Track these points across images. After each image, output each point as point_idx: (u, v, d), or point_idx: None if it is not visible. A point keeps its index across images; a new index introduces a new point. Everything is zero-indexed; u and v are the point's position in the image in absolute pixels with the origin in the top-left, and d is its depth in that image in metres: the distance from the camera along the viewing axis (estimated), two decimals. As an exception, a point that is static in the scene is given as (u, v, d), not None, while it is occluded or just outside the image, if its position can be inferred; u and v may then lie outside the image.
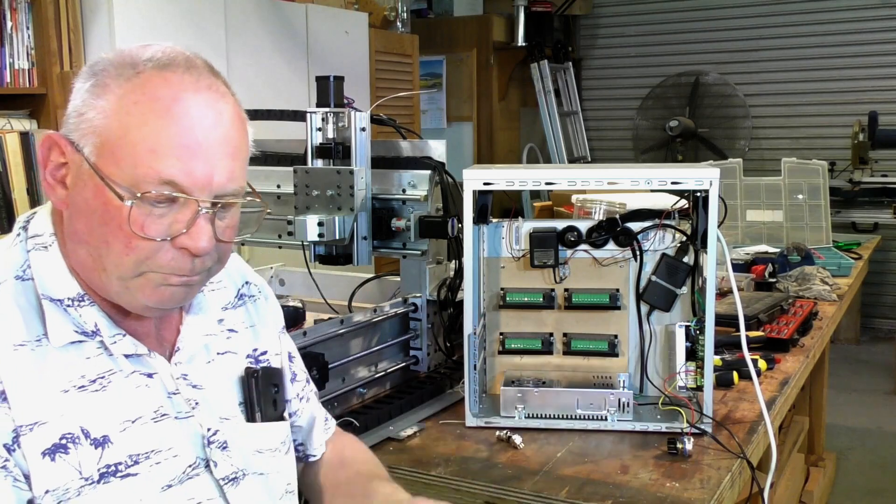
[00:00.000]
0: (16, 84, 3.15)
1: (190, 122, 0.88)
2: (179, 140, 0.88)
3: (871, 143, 5.23)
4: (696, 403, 1.51)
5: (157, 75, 0.90)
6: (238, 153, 0.93)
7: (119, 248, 0.89)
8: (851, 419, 4.34)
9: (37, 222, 0.97)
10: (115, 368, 0.93)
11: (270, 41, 4.01)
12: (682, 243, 1.58)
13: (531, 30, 6.33)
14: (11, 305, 0.90)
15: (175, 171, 0.87)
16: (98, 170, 0.88)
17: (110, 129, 0.88)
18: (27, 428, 0.86)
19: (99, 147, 0.89)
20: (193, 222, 0.89)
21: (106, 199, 0.88)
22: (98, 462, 0.89)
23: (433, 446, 1.44)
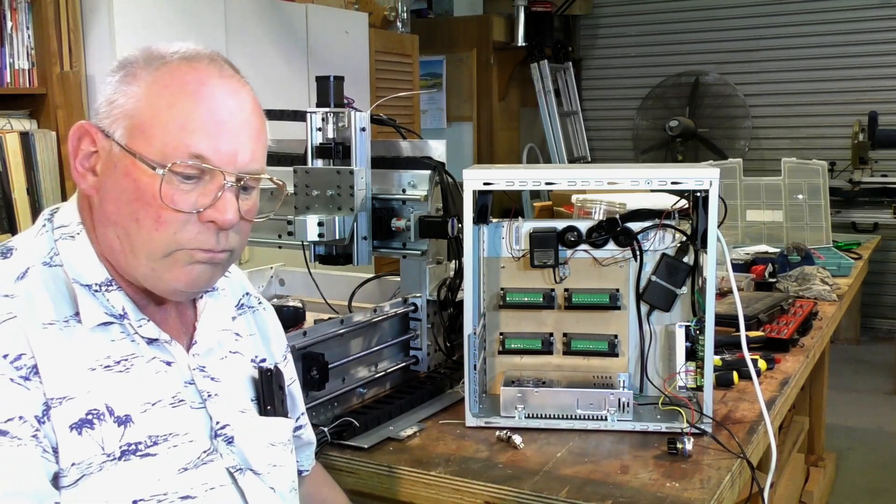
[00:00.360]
0: (16, 84, 3.15)
1: (216, 104, 0.95)
2: (208, 118, 0.95)
3: (871, 143, 5.23)
4: (696, 403, 1.51)
5: (184, 64, 0.97)
6: (259, 136, 1.00)
7: (149, 225, 0.94)
8: (851, 419, 4.34)
9: (63, 214, 1.02)
10: (137, 353, 0.98)
11: (270, 41, 4.01)
12: (682, 243, 1.58)
13: (531, 30, 6.33)
14: (40, 288, 0.94)
15: (203, 146, 0.94)
16: (129, 149, 0.94)
17: (141, 110, 0.95)
18: (57, 401, 0.89)
19: (130, 129, 0.95)
20: (220, 196, 0.95)
21: (136, 177, 0.94)
22: (120, 439, 0.93)
23: (433, 446, 1.44)
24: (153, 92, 0.95)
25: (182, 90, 0.95)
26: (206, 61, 0.98)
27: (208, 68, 0.97)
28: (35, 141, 3.10)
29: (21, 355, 0.88)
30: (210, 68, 0.97)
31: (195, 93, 0.95)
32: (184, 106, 0.94)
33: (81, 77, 3.28)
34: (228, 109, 0.96)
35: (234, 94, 0.98)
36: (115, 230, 0.96)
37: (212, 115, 0.95)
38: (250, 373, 1.13)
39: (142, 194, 0.93)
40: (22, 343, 0.89)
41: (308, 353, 1.48)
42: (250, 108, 0.99)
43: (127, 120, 0.95)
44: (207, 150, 0.94)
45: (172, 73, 0.96)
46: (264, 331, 1.20)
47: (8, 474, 0.83)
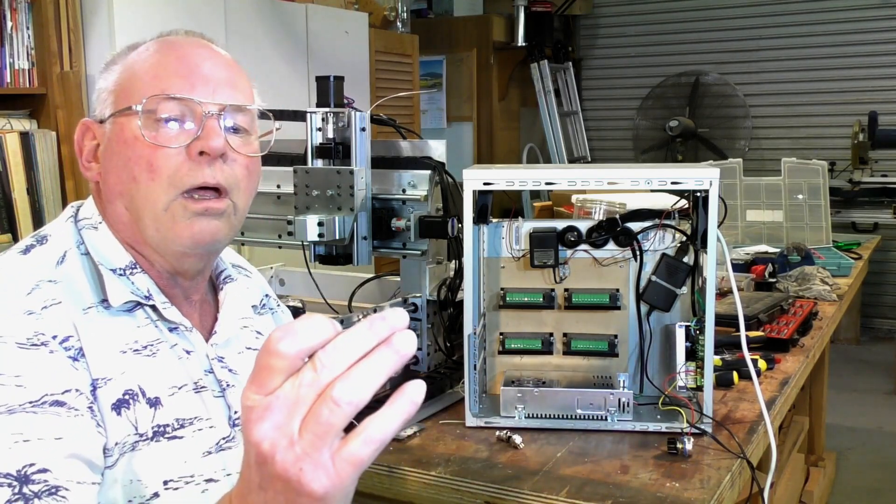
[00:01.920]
0: (16, 84, 3.15)
1: (186, 52, 1.01)
2: (180, 64, 0.99)
3: (871, 143, 5.23)
4: (696, 403, 1.51)
5: (160, 39, 1.04)
6: (238, 83, 1.03)
7: (145, 177, 0.97)
8: (851, 419, 4.34)
9: (85, 208, 1.06)
10: (161, 338, 1.00)
11: (270, 41, 4.01)
12: (682, 243, 1.58)
13: (531, 30, 6.32)
14: (79, 272, 0.97)
15: (178, 86, 0.97)
16: (116, 113, 0.99)
17: (121, 81, 1.01)
18: (102, 381, 0.92)
19: (115, 101, 1.00)
20: (203, 125, 0.97)
21: (125, 135, 0.98)
22: (152, 420, 0.95)
23: (433, 446, 1.44)
24: (129, 63, 1.01)
25: (154, 51, 1.01)
26: (181, 34, 1.05)
27: (184, 37, 1.04)
28: (35, 141, 3.10)
29: (69, 337, 0.91)
30: (186, 37, 1.04)
31: (166, 49, 1.01)
32: (157, 60, 0.99)
33: (81, 77, 3.28)
34: (201, 57, 1.01)
35: (205, 48, 1.03)
36: (122, 200, 1.00)
37: (184, 61, 0.99)
38: None
39: (132, 147, 0.97)
40: (69, 326, 0.91)
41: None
42: (226, 61, 1.04)
43: (112, 95, 1.00)
44: (183, 90, 0.98)
45: (150, 45, 1.03)
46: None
47: (67, 438, 0.84)
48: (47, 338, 0.88)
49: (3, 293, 0.91)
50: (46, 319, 0.89)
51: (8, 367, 0.84)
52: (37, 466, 0.80)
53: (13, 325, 0.87)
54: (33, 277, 0.93)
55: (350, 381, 0.58)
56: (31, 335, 0.87)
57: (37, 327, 0.88)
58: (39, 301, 0.90)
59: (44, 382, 0.86)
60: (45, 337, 0.88)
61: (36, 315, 0.89)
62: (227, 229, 1.03)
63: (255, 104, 1.06)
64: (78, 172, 3.19)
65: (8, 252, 0.99)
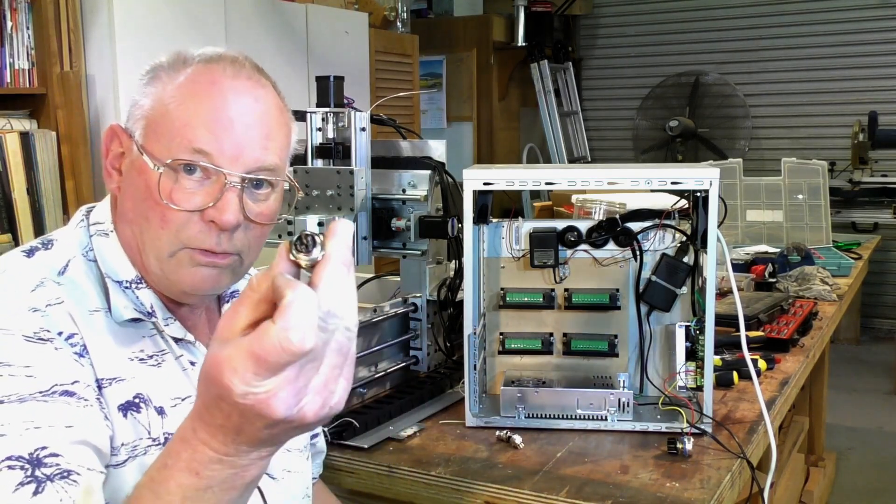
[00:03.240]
0: (16, 84, 3.15)
1: (224, 102, 0.95)
2: (212, 115, 0.94)
3: (871, 143, 5.23)
4: (696, 403, 1.51)
5: (203, 67, 0.97)
6: (273, 136, 0.98)
7: (156, 223, 0.96)
8: (851, 419, 4.34)
9: (98, 211, 1.04)
10: (166, 349, 1.01)
11: (270, 41, 4.01)
12: (682, 243, 1.58)
13: (531, 30, 6.33)
14: (83, 278, 0.97)
15: (205, 141, 0.93)
16: (142, 148, 0.96)
17: (155, 110, 0.96)
18: (107, 381, 0.92)
19: (145, 129, 0.97)
20: (221, 195, 0.94)
21: (147, 176, 0.95)
22: (162, 427, 0.95)
23: (433, 446, 1.44)
24: (167, 92, 0.96)
25: (191, 89, 0.95)
26: (226, 62, 0.97)
27: (225, 69, 0.96)
28: (35, 141, 3.10)
29: (73, 334, 0.91)
30: (227, 69, 0.97)
31: (203, 91, 0.95)
32: (191, 103, 0.94)
33: (81, 77, 3.28)
34: (238, 105, 0.95)
35: (246, 93, 0.96)
36: (132, 228, 0.99)
37: (218, 111, 0.94)
38: None
39: (150, 192, 0.95)
40: (72, 325, 0.91)
41: (308, 353, 1.48)
42: (265, 107, 0.98)
43: (144, 120, 0.97)
44: (210, 147, 0.93)
45: (189, 74, 0.96)
46: None
47: (77, 426, 0.85)
48: (52, 334, 0.88)
49: (7, 290, 0.91)
50: (51, 317, 0.89)
51: (17, 357, 0.85)
52: (48, 450, 0.80)
53: (19, 319, 0.88)
54: (37, 276, 0.93)
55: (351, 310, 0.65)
56: (38, 330, 0.88)
57: (42, 324, 0.88)
58: (43, 299, 0.90)
59: (53, 373, 0.86)
60: (50, 334, 0.88)
61: (41, 312, 0.89)
62: (230, 279, 1.02)
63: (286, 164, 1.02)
64: (78, 172, 3.19)
65: (11, 252, 0.99)
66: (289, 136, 1.03)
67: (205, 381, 0.66)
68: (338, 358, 0.64)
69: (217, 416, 0.66)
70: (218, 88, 0.95)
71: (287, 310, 0.61)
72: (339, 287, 0.64)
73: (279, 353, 0.61)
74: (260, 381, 0.62)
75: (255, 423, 0.65)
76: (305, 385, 0.63)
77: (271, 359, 0.61)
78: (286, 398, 0.63)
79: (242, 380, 0.62)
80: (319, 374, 0.64)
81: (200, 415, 0.68)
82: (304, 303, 0.61)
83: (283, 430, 0.66)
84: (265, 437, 0.67)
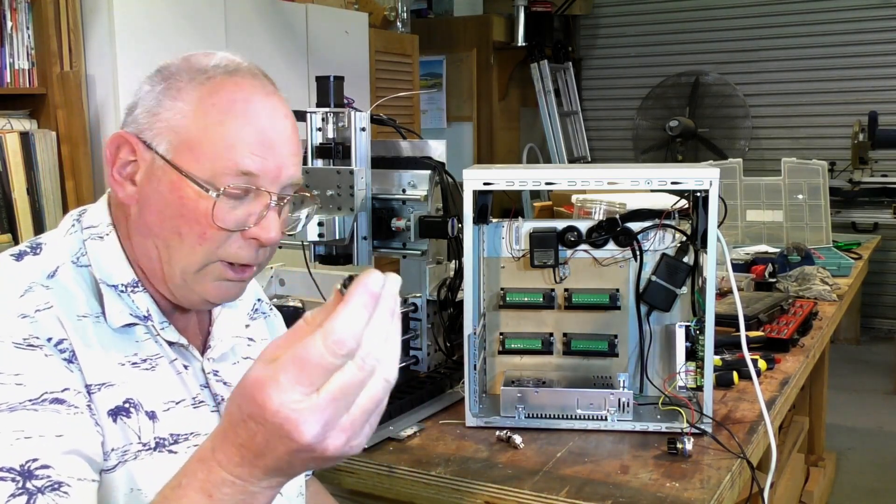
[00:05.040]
0: (16, 84, 3.15)
1: (262, 122, 0.97)
2: (256, 137, 0.95)
3: (871, 143, 5.23)
4: (696, 403, 1.51)
5: (228, 80, 0.97)
6: (299, 151, 1.02)
7: (192, 240, 0.96)
8: (851, 419, 4.34)
9: (91, 215, 1.03)
10: (161, 353, 1.00)
11: (270, 41, 4.01)
12: (682, 243, 1.58)
13: (531, 30, 6.32)
14: (73, 284, 0.96)
15: (251, 163, 0.95)
16: (176, 165, 0.95)
17: (189, 127, 0.95)
18: (96, 387, 0.92)
19: (177, 145, 0.95)
20: (265, 214, 0.97)
21: (182, 193, 0.94)
22: (153, 432, 0.95)
23: (433, 446, 1.44)
24: (201, 109, 0.95)
25: (231, 109, 0.96)
26: (248, 76, 0.99)
27: (252, 84, 0.98)
28: (35, 141, 3.10)
29: (63, 340, 0.90)
30: (254, 84, 0.98)
31: (243, 112, 0.96)
32: (233, 124, 0.95)
33: (81, 77, 3.28)
34: (274, 128, 0.97)
35: (277, 111, 0.99)
36: (155, 241, 0.97)
37: (259, 134, 0.96)
38: None
39: (189, 211, 0.95)
40: (61, 330, 0.91)
41: (308, 353, 1.48)
42: (291, 124, 1.01)
43: (172, 135, 0.95)
44: (256, 169, 0.95)
45: (218, 89, 0.96)
46: (275, 336, 1.22)
47: (67, 435, 0.85)
48: (42, 341, 0.88)
49: None
50: (40, 323, 0.89)
51: (6, 366, 0.85)
52: (39, 462, 0.80)
53: (8, 326, 0.87)
54: (25, 281, 0.93)
55: (392, 361, 0.67)
56: (27, 336, 0.88)
57: (31, 330, 0.88)
58: (32, 304, 0.90)
59: (43, 381, 0.86)
60: (39, 340, 0.88)
61: (30, 319, 0.89)
62: (246, 287, 1.05)
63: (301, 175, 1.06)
64: (78, 172, 3.19)
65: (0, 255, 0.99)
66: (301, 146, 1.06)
67: (238, 399, 0.68)
68: (370, 404, 0.67)
69: (242, 434, 0.68)
70: (254, 108, 0.96)
71: (334, 314, 0.64)
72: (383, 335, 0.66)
73: (321, 354, 0.63)
74: (299, 392, 0.64)
75: (278, 447, 0.66)
76: (335, 419, 0.65)
77: (314, 359, 0.64)
78: (315, 425, 0.65)
79: (281, 391, 0.64)
80: (349, 413, 0.66)
81: (224, 433, 0.70)
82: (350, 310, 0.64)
83: (302, 459, 0.68)
84: (282, 465, 0.68)
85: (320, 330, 0.64)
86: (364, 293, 0.65)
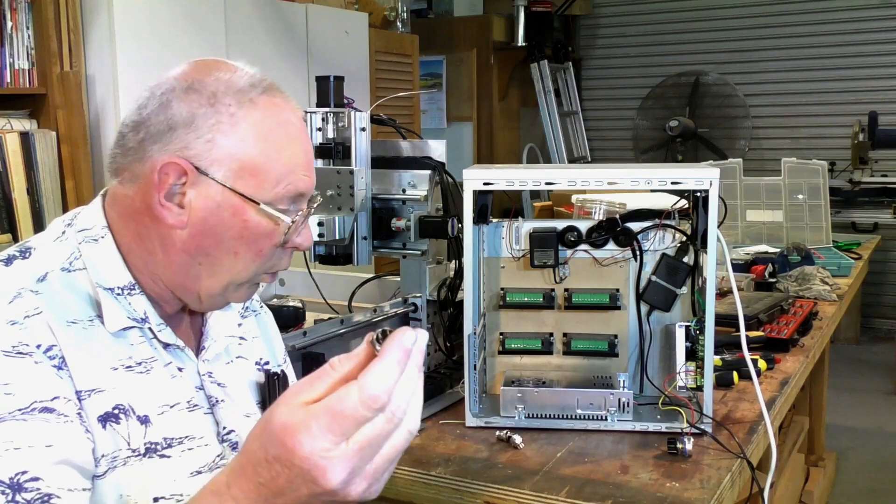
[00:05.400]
0: (16, 84, 3.15)
1: (304, 143, 1.02)
2: (304, 158, 1.01)
3: (871, 143, 5.23)
4: (696, 403, 1.51)
5: (268, 101, 0.99)
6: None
7: (249, 257, 0.99)
8: (851, 419, 4.34)
9: (84, 218, 1.02)
10: (155, 356, 1.00)
11: (270, 41, 4.01)
12: (682, 243, 1.58)
13: (531, 30, 6.32)
14: (63, 289, 0.95)
15: (303, 184, 1.01)
16: (240, 192, 0.96)
17: (251, 154, 0.96)
18: (86, 393, 0.91)
19: (238, 171, 0.96)
20: (304, 224, 1.03)
21: (247, 217, 0.97)
22: (144, 437, 0.95)
23: (433, 446, 1.44)
24: (261, 136, 0.97)
25: (285, 133, 0.99)
26: (277, 93, 1.01)
27: (286, 102, 1.02)
28: (35, 141, 3.10)
29: (52, 346, 0.90)
30: (288, 103, 1.02)
31: (292, 136, 1.00)
32: (290, 149, 0.99)
33: (81, 77, 3.28)
34: (308, 145, 1.03)
35: (304, 127, 1.04)
36: (202, 259, 0.98)
37: (305, 154, 1.02)
38: (255, 377, 1.15)
39: (251, 234, 0.97)
40: (50, 336, 0.90)
41: (308, 353, 1.48)
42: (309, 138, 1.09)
43: (234, 162, 0.96)
44: (305, 188, 1.01)
45: (268, 113, 0.98)
46: (266, 333, 1.23)
47: (57, 445, 0.85)
48: (31, 348, 0.88)
49: None
50: (29, 329, 0.89)
51: None
52: (29, 475, 0.80)
53: None
54: (14, 287, 0.92)
55: (416, 413, 0.73)
56: (16, 343, 0.87)
57: (20, 337, 0.88)
58: (21, 311, 0.90)
59: (32, 390, 0.86)
60: (28, 347, 0.88)
61: (19, 325, 0.88)
62: None
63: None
64: (78, 172, 3.19)
65: None
66: None
67: (264, 440, 0.70)
68: (393, 453, 0.71)
69: (263, 473, 0.70)
70: (295, 130, 1.01)
71: (369, 369, 0.69)
72: (411, 389, 0.72)
73: (356, 407, 0.67)
74: (329, 441, 0.67)
75: (301, 489, 0.69)
76: (360, 466, 0.69)
77: (348, 412, 0.67)
78: (342, 472, 0.68)
79: (313, 439, 0.67)
80: (373, 462, 0.70)
81: (242, 470, 0.72)
82: (385, 366, 0.69)
83: (321, 502, 0.70)
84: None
85: (355, 383, 0.68)
86: (398, 350, 0.70)
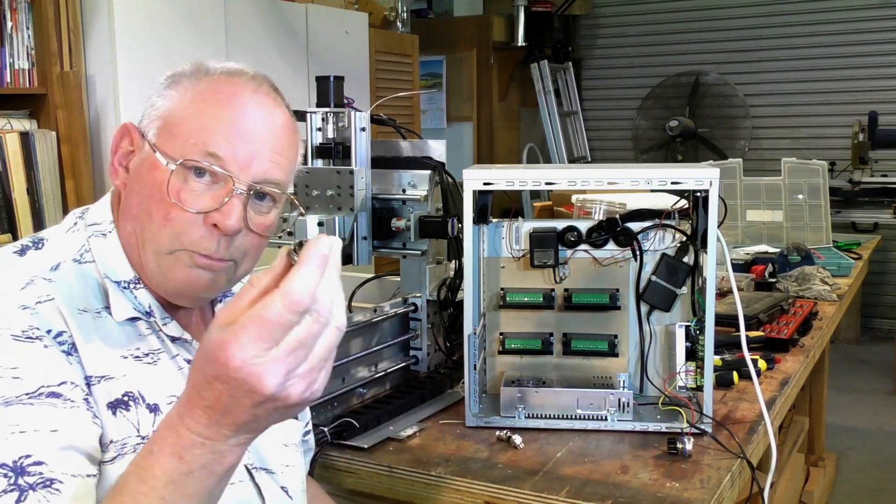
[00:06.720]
0: (16, 84, 3.15)
1: (243, 113, 0.98)
2: (230, 122, 0.97)
3: (871, 143, 5.23)
4: (696, 403, 1.51)
5: (224, 77, 1.01)
6: (283, 152, 1.02)
7: (159, 220, 0.97)
8: (851, 419, 4.34)
9: (94, 212, 1.05)
10: (162, 349, 1.01)
11: (270, 41, 4.01)
12: (682, 243, 1.58)
13: (531, 30, 6.32)
14: (74, 279, 0.97)
15: (219, 146, 0.96)
16: (155, 147, 0.98)
17: (173, 112, 0.99)
18: (96, 379, 0.93)
19: (160, 129, 0.99)
20: (227, 201, 0.97)
21: (156, 173, 0.97)
22: (153, 425, 0.95)
23: (433, 446, 1.44)
24: (188, 97, 0.99)
25: (214, 97, 0.98)
26: (247, 77, 1.01)
27: (247, 84, 1.00)
28: (35, 141, 3.10)
29: (62, 332, 0.91)
30: (248, 84, 1.00)
31: (224, 100, 0.98)
32: (212, 111, 0.98)
33: (81, 77, 3.28)
34: (255, 119, 0.99)
35: (264, 108, 1.00)
36: (133, 224, 1.00)
37: (235, 121, 0.97)
38: None
39: (157, 189, 0.97)
40: (61, 322, 0.92)
41: (308, 353, 1.48)
42: (280, 125, 1.01)
43: (160, 121, 0.99)
44: (223, 152, 0.96)
45: (211, 83, 1.00)
46: None
47: (63, 430, 0.85)
48: (41, 332, 0.89)
49: None
50: (41, 314, 0.90)
51: (4, 359, 0.85)
52: (32, 458, 0.81)
53: (8, 317, 0.88)
54: (28, 274, 0.94)
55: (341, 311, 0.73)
56: (26, 328, 0.88)
57: (31, 322, 0.89)
58: (33, 296, 0.91)
59: (40, 374, 0.86)
60: (39, 332, 0.89)
61: (30, 310, 0.90)
62: (224, 283, 1.04)
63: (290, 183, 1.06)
64: (78, 172, 3.19)
65: (2, 250, 1.00)
66: (297, 156, 1.06)
67: (201, 363, 0.71)
68: (325, 352, 0.73)
69: (207, 396, 0.71)
70: (239, 100, 0.98)
71: (290, 276, 0.69)
72: (333, 290, 0.71)
73: (281, 313, 0.68)
74: (259, 349, 0.68)
75: (243, 401, 0.70)
76: (294, 368, 0.70)
77: (273, 318, 0.68)
78: (277, 375, 0.69)
79: (243, 349, 0.68)
80: (307, 361, 0.71)
81: (190, 399, 0.73)
82: (305, 272, 0.69)
83: (266, 410, 0.72)
84: (248, 419, 0.72)
85: (278, 291, 0.68)
86: (317, 255, 0.70)
